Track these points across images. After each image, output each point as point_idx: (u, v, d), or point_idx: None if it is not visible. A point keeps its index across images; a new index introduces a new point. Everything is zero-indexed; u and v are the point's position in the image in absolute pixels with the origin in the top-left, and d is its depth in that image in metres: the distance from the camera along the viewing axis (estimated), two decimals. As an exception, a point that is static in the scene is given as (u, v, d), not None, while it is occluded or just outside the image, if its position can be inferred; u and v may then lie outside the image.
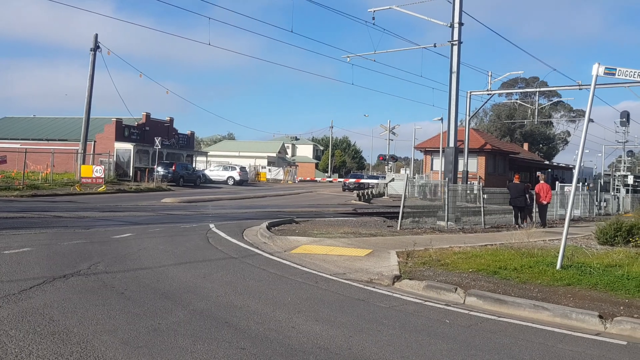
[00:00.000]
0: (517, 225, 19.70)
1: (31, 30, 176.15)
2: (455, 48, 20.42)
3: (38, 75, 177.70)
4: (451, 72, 20.51)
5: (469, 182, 34.27)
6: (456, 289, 8.31)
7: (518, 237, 13.63)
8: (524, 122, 71.63)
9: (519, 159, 54.39)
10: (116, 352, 5.13)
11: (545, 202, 20.94)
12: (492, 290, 8.28)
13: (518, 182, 21.19)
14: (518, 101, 52.33)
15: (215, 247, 11.94)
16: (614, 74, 9.29)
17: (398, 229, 16.67)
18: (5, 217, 15.88)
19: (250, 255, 11.08)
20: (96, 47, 34.81)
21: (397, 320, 6.87)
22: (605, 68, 9.35)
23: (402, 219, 17.08)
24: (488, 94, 37.40)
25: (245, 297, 7.55)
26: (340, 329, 6.31)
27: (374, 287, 8.74)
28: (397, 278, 9.17)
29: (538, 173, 31.43)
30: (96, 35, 34.84)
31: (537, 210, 21.33)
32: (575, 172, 10.22)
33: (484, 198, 20.64)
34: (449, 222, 18.61)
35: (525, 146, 74.22)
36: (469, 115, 37.79)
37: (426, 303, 7.87)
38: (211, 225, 15.55)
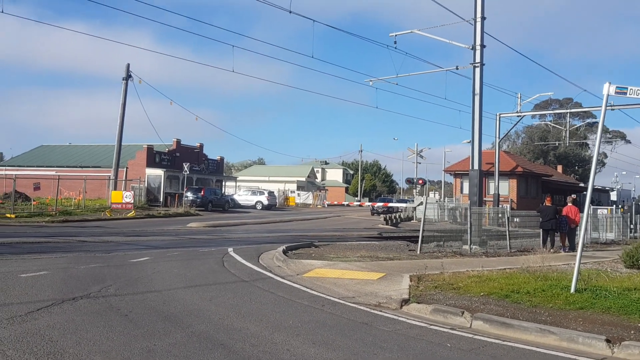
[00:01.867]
0: (544, 249, 19.19)
1: (72, 62, 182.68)
2: (477, 70, 20.32)
3: (76, 104, 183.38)
4: (474, 94, 20.38)
5: (500, 205, 33.71)
6: (463, 313, 8.14)
7: (540, 260, 13.30)
8: (556, 144, 70.35)
9: (552, 182, 53.27)
10: (105, 372, 5.20)
11: (573, 226, 20.38)
12: (500, 314, 8.08)
13: (550, 204, 20.72)
14: (550, 123, 51.56)
15: (228, 270, 12.01)
16: (625, 93, 9.10)
17: (418, 252, 16.47)
18: (32, 242, 16.34)
19: (261, 279, 11.10)
20: (128, 76, 35.89)
21: (397, 344, 6.76)
22: (617, 87, 9.17)
23: (422, 242, 16.89)
24: (518, 116, 37.02)
25: (247, 320, 7.56)
26: (336, 352, 6.25)
27: (380, 311, 8.63)
28: (405, 302, 9.04)
29: (573, 195, 30.68)
30: (128, 65, 35.96)
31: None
32: (589, 191, 9.99)
33: (513, 221, 20.24)
34: (473, 246, 18.28)
35: (559, 168, 72.68)
36: (499, 138, 37.38)
37: (431, 327, 7.73)
38: (229, 249, 15.66)
